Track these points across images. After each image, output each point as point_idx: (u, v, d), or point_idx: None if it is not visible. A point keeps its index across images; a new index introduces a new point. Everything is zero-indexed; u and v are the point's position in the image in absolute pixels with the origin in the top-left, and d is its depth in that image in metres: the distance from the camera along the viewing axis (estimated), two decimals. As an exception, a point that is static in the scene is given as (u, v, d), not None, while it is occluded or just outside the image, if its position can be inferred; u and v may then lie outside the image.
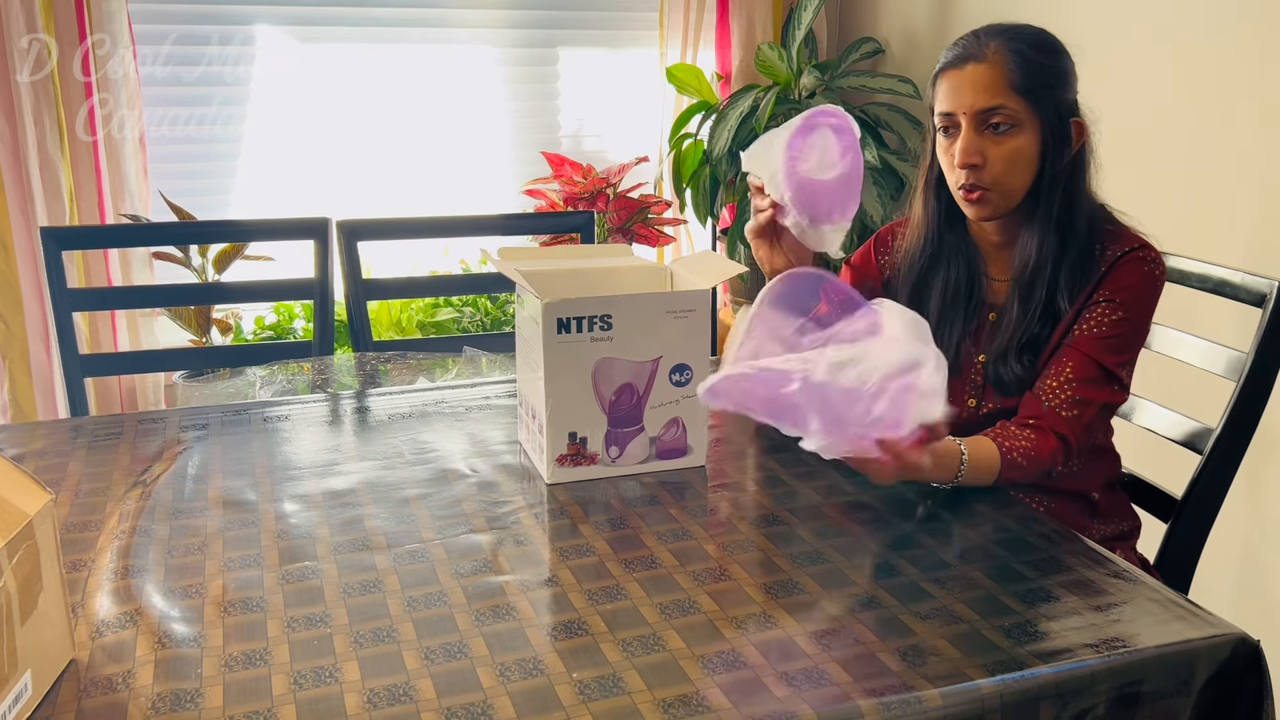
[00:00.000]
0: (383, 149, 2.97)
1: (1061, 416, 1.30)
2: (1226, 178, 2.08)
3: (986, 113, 1.30)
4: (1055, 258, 1.34)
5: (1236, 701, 0.96)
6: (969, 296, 1.42)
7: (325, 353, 1.99)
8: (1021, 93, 1.29)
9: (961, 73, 1.31)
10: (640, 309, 1.27)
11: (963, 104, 1.31)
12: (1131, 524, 1.47)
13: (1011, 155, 1.31)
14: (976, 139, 1.31)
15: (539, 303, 1.24)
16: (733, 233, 2.94)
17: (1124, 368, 1.33)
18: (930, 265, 1.44)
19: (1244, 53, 2.02)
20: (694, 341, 1.30)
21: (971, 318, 1.43)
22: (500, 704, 0.85)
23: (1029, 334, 1.36)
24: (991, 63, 1.30)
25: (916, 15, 2.96)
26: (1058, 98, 1.31)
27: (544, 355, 1.24)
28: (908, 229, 1.48)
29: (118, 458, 1.37)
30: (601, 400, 1.28)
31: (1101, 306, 1.32)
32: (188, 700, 0.86)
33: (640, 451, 1.32)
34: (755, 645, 0.94)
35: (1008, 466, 1.27)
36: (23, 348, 2.55)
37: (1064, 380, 1.32)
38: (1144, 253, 1.33)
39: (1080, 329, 1.33)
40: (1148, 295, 1.33)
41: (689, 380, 1.31)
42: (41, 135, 2.49)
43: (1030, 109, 1.30)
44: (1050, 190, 1.33)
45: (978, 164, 1.32)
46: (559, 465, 1.29)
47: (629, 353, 1.28)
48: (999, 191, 1.33)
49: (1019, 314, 1.37)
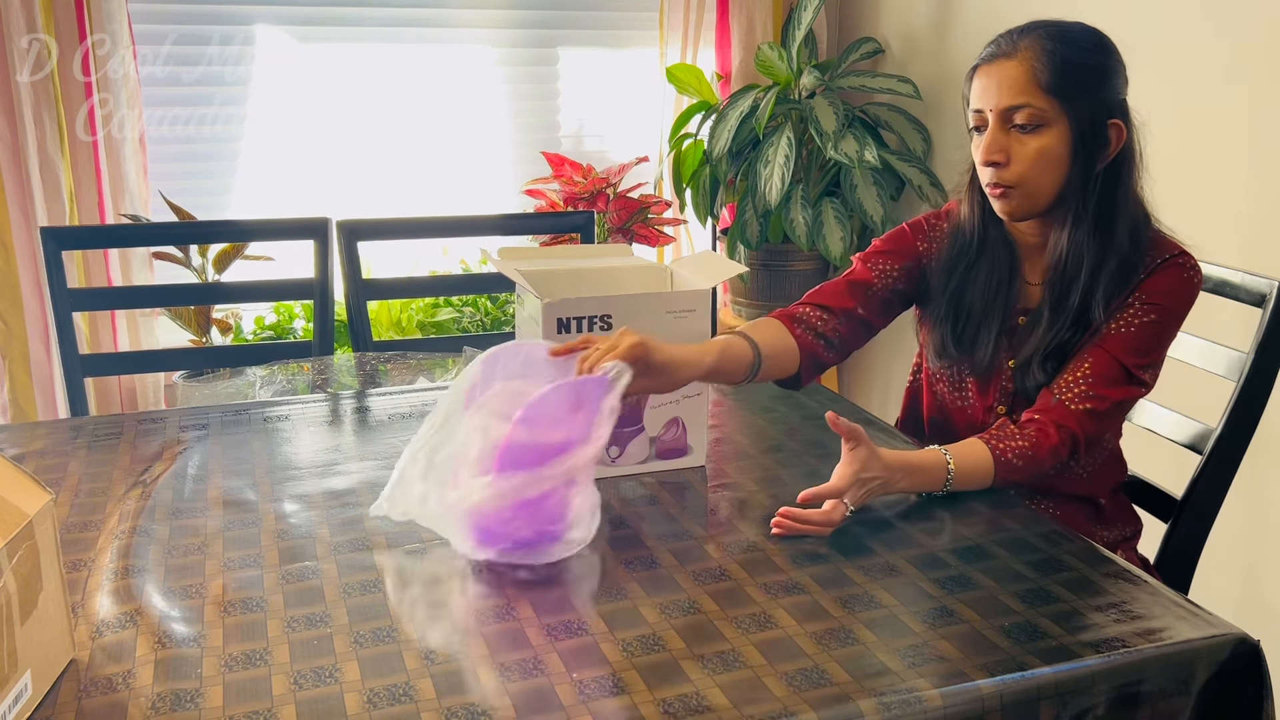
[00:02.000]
0: (383, 149, 2.97)
1: (1070, 410, 1.29)
2: (1226, 178, 2.08)
3: (1011, 110, 1.29)
4: (1094, 264, 1.31)
5: (1236, 701, 0.96)
6: (1006, 299, 1.40)
7: (325, 353, 1.99)
8: (1050, 92, 1.27)
9: (991, 69, 1.31)
10: (640, 309, 1.27)
11: (989, 101, 1.30)
12: (1134, 527, 1.47)
13: (1036, 154, 1.29)
14: (1001, 137, 1.30)
15: (539, 303, 1.24)
16: (732, 233, 2.94)
17: (1146, 369, 1.31)
18: (971, 265, 1.41)
19: (1244, 52, 2.02)
20: (694, 341, 1.30)
21: (1006, 321, 1.40)
22: (500, 704, 0.85)
23: (1058, 340, 1.33)
24: (1021, 60, 1.28)
25: (916, 15, 2.96)
26: (1092, 97, 1.29)
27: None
28: (950, 223, 1.45)
29: (118, 458, 1.37)
30: None
31: (1135, 308, 1.31)
32: (188, 700, 0.86)
33: (640, 451, 1.32)
34: (755, 645, 0.94)
35: (1002, 468, 1.26)
36: (23, 348, 2.55)
37: (1081, 375, 1.30)
38: (1184, 259, 1.32)
39: (1109, 328, 1.31)
40: (1182, 301, 1.32)
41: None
42: (41, 135, 2.48)
43: (1060, 108, 1.28)
44: (1084, 193, 1.31)
45: (1000, 162, 1.30)
46: None
47: None
48: (1024, 190, 1.31)
49: (1049, 319, 1.34)
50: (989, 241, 1.40)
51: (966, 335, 1.41)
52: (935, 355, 1.46)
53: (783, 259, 3.01)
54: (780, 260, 3.02)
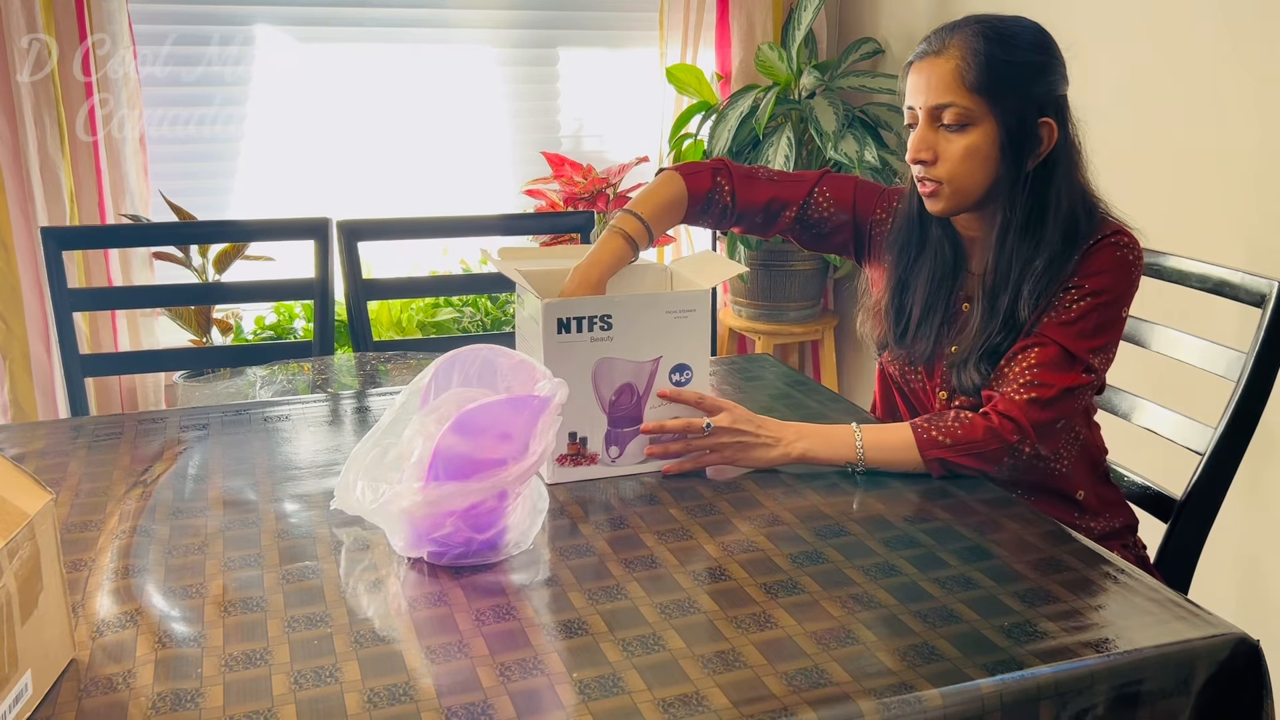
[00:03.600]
0: (383, 149, 2.97)
1: (1015, 400, 1.28)
2: (1227, 178, 2.08)
3: (939, 109, 1.30)
4: (1023, 262, 1.32)
5: (1236, 701, 0.96)
6: (949, 293, 1.41)
7: (325, 353, 1.99)
8: (977, 91, 1.28)
9: (922, 66, 1.32)
10: (640, 309, 1.27)
11: (919, 99, 1.31)
12: (1125, 520, 1.46)
13: (963, 153, 1.30)
14: (929, 134, 1.31)
15: (539, 303, 1.24)
16: (732, 233, 2.94)
17: (1094, 354, 1.29)
18: (918, 255, 1.43)
19: (1245, 52, 2.02)
20: (694, 341, 1.30)
21: (950, 310, 1.42)
22: (500, 704, 0.85)
23: (991, 343, 1.34)
24: (949, 58, 1.29)
25: (916, 15, 2.96)
26: (1022, 96, 1.29)
27: (544, 355, 1.24)
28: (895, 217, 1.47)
29: (118, 458, 1.37)
30: (601, 400, 1.28)
31: (1071, 293, 1.30)
32: (188, 700, 0.86)
33: (640, 451, 1.32)
34: (755, 645, 0.94)
35: (926, 444, 1.28)
36: (23, 348, 2.55)
37: (1025, 366, 1.30)
38: (1118, 238, 1.30)
39: (1047, 317, 1.30)
40: (1120, 280, 1.30)
41: (689, 380, 1.31)
42: (41, 135, 2.48)
43: (986, 107, 1.28)
44: (1013, 191, 1.32)
45: (926, 160, 1.32)
46: (559, 465, 1.29)
47: (629, 352, 1.28)
48: (951, 187, 1.32)
49: (983, 322, 1.35)
50: (931, 232, 1.42)
51: (908, 328, 1.44)
52: (879, 347, 1.51)
53: (783, 259, 3.02)
54: (780, 260, 3.02)
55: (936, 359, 1.42)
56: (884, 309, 1.47)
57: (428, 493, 1.03)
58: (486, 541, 1.08)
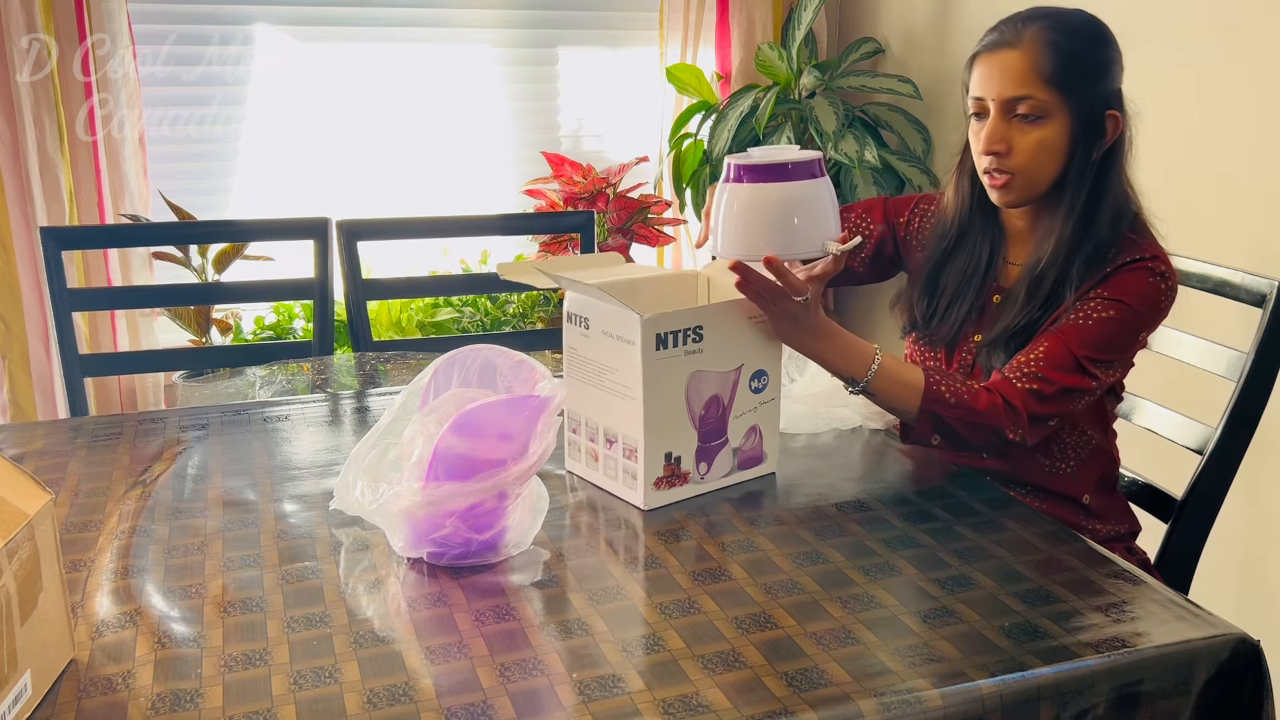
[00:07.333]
0: (383, 149, 2.97)
1: (1015, 387, 1.29)
2: (1227, 178, 2.08)
3: (1014, 101, 1.29)
4: (1071, 247, 1.32)
5: (1236, 701, 0.96)
6: (983, 280, 1.42)
7: (325, 353, 1.99)
8: (1052, 84, 1.28)
9: (994, 58, 1.31)
10: (727, 318, 1.22)
11: (992, 90, 1.31)
12: (1130, 526, 1.46)
13: (1037, 145, 1.30)
14: (1003, 126, 1.31)
15: (637, 319, 1.16)
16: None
17: (1099, 365, 1.30)
18: (954, 246, 1.43)
19: (1245, 52, 2.02)
20: (769, 346, 1.27)
21: (979, 297, 1.42)
22: (500, 704, 0.85)
23: (1028, 319, 1.34)
24: (1024, 51, 1.29)
25: (916, 15, 2.95)
26: (1093, 89, 1.30)
27: (643, 374, 1.17)
28: (938, 207, 1.48)
29: (118, 458, 1.37)
30: (693, 415, 1.22)
31: (1095, 302, 1.31)
32: (188, 700, 0.86)
33: (725, 465, 1.27)
34: (755, 645, 0.94)
35: (931, 398, 1.28)
36: (23, 348, 2.55)
37: (1033, 358, 1.30)
38: (1153, 264, 1.31)
39: (1068, 318, 1.31)
40: (1146, 305, 1.30)
41: (765, 386, 1.28)
42: (41, 135, 2.48)
43: (1061, 100, 1.29)
44: (1078, 182, 1.32)
45: (1001, 151, 1.31)
46: (655, 489, 1.22)
47: (717, 363, 1.23)
48: (1023, 179, 1.32)
49: (1023, 301, 1.35)
50: (974, 223, 1.42)
51: (935, 313, 1.44)
52: (904, 329, 1.51)
53: (783, 259, 3.01)
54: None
55: (959, 345, 1.43)
56: (915, 291, 1.48)
57: (427, 493, 1.03)
58: (486, 542, 1.08)
